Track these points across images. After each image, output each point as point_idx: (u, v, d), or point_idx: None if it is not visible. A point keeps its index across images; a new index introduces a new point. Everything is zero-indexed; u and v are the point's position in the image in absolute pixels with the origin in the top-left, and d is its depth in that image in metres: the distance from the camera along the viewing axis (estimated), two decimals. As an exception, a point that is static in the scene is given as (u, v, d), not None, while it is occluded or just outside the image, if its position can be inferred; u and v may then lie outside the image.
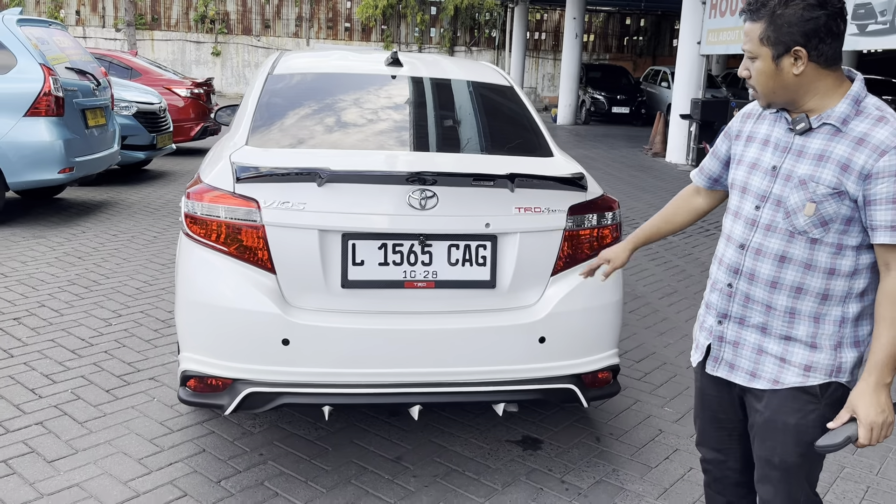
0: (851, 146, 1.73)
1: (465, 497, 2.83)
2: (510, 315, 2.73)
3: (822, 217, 1.77)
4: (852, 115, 1.76)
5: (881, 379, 1.72)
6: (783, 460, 1.89)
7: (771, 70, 1.77)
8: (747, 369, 1.92)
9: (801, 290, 1.83)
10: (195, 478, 2.87)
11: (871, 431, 1.73)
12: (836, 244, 1.79)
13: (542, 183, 2.75)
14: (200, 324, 2.66)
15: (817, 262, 1.80)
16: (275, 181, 2.57)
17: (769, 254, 1.84)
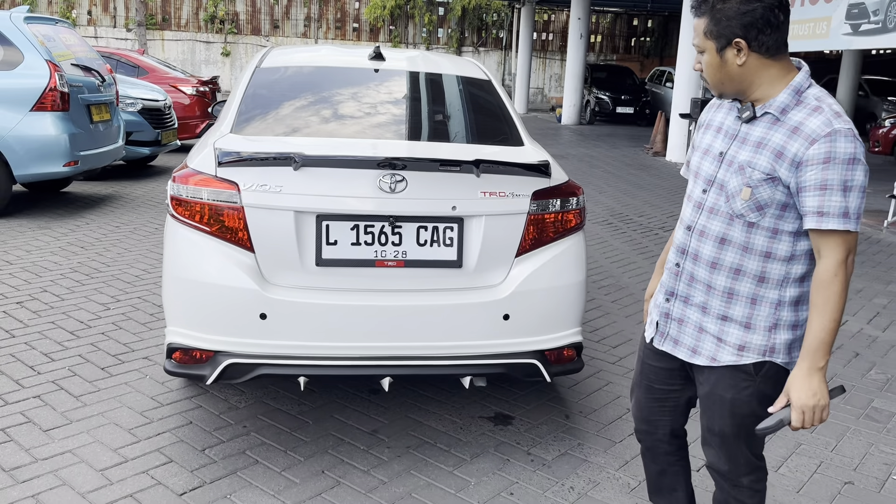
0: (787, 134, 1.82)
1: (434, 466, 2.99)
2: (476, 293, 2.89)
3: (757, 201, 1.86)
4: (792, 105, 1.84)
5: (813, 364, 1.82)
6: (721, 430, 2.04)
7: (717, 62, 1.87)
8: (689, 345, 2.04)
9: (739, 271, 1.93)
10: (181, 446, 3.04)
11: (802, 415, 1.82)
12: (772, 228, 1.88)
13: (507, 169, 2.91)
14: (184, 299, 2.83)
15: (754, 245, 1.90)
16: (254, 165, 2.74)
17: (711, 235, 1.95)
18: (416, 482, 2.87)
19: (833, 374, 4.10)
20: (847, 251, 1.80)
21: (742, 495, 2.09)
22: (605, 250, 6.77)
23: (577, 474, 2.99)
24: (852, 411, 3.67)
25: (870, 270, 6.44)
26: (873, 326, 4.96)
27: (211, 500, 2.69)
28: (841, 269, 1.80)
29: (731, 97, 1.95)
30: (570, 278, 3.03)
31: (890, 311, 5.29)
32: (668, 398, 2.20)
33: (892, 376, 4.12)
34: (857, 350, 4.50)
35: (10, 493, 2.67)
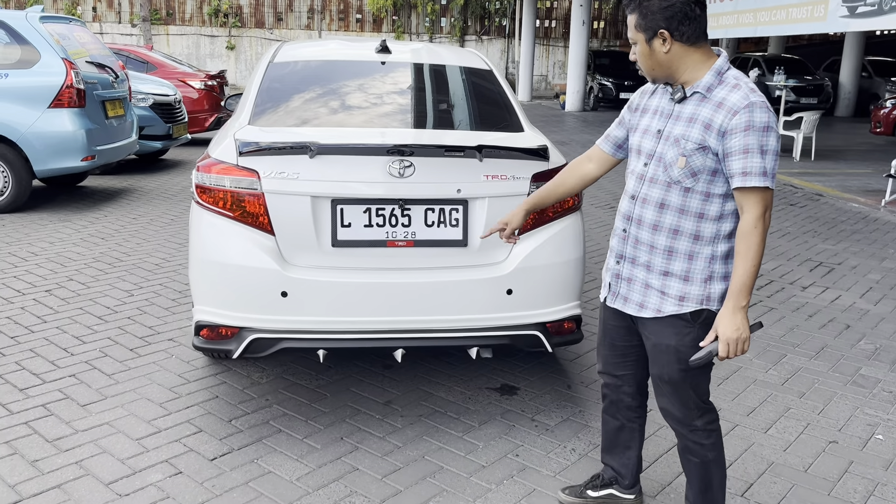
0: (713, 109, 2.11)
1: (444, 432, 3.21)
2: (481, 270, 3.10)
3: (691, 169, 2.15)
4: (715, 84, 2.13)
5: (737, 303, 2.10)
6: (670, 377, 2.30)
7: (647, 51, 2.17)
8: (637, 301, 2.32)
9: (677, 231, 2.20)
10: (209, 418, 3.28)
11: (727, 346, 2.11)
12: (705, 192, 2.16)
13: (508, 153, 3.11)
14: (210, 280, 3.05)
15: (689, 208, 2.18)
16: (272, 154, 2.96)
17: (652, 201, 2.23)
18: (428, 446, 3.09)
19: (824, 345, 4.30)
20: (765, 206, 2.08)
21: (699, 437, 2.35)
22: (607, 232, 6.97)
23: (578, 438, 3.21)
24: (840, 378, 3.87)
25: (866, 248, 6.62)
26: (865, 300, 5.14)
27: (240, 463, 2.92)
28: (760, 222, 2.08)
29: (663, 81, 2.25)
30: (569, 255, 3.23)
31: (882, 286, 5.47)
32: (630, 353, 2.48)
33: (880, 346, 4.32)
34: (849, 322, 4.70)
35: (55, 460, 2.90)
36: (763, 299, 5.12)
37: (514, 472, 2.93)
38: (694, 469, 2.40)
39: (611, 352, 2.52)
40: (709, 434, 2.35)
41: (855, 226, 7.52)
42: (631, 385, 2.54)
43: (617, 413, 2.61)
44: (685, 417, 2.34)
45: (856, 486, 2.90)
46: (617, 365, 2.53)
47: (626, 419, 2.60)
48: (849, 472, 2.98)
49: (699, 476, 2.39)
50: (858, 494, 2.84)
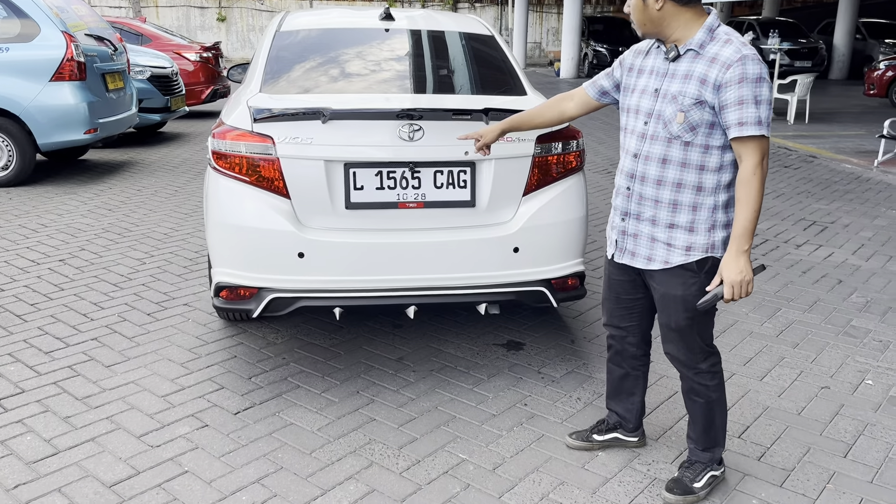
0: (707, 64, 2.22)
1: (455, 385, 3.37)
2: (488, 230, 3.22)
3: (690, 123, 2.27)
4: (707, 41, 2.25)
5: (739, 248, 2.24)
6: (677, 324, 2.45)
7: (640, 5, 2.29)
8: (644, 255, 2.45)
9: (680, 184, 2.33)
10: (229, 376, 3.42)
11: (732, 288, 2.26)
12: (704, 145, 2.28)
13: (513, 116, 3.21)
14: (229, 242, 3.17)
15: (690, 161, 2.31)
16: (286, 120, 3.06)
17: (654, 158, 2.35)
18: (440, 398, 3.25)
19: (817, 299, 4.46)
20: (762, 154, 2.21)
21: (704, 379, 2.52)
22: (605, 196, 7.09)
23: (582, 388, 3.36)
24: (832, 329, 4.03)
25: (858, 207, 6.76)
26: (857, 257, 5.30)
27: (263, 417, 3.07)
28: (758, 169, 2.21)
29: (653, 37, 2.37)
30: (573, 214, 3.35)
31: (874, 243, 5.63)
32: (635, 306, 2.64)
33: (871, 299, 4.48)
34: (841, 278, 4.85)
35: (87, 416, 3.05)
36: (758, 257, 5.26)
37: (524, 419, 3.09)
38: (698, 409, 2.56)
39: (616, 305, 2.67)
40: (713, 376, 2.51)
41: (848, 186, 7.66)
42: (635, 335, 2.70)
43: (622, 362, 2.77)
44: (691, 361, 2.50)
45: (846, 426, 3.06)
46: (622, 317, 2.68)
47: (631, 367, 2.76)
48: (840, 415, 3.15)
49: (703, 415, 2.56)
50: (849, 434, 3.00)
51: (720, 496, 2.59)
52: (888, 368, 3.58)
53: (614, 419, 2.87)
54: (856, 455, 2.86)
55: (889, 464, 2.80)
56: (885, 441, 2.95)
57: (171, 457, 2.77)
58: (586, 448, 2.86)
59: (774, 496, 2.60)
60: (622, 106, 2.51)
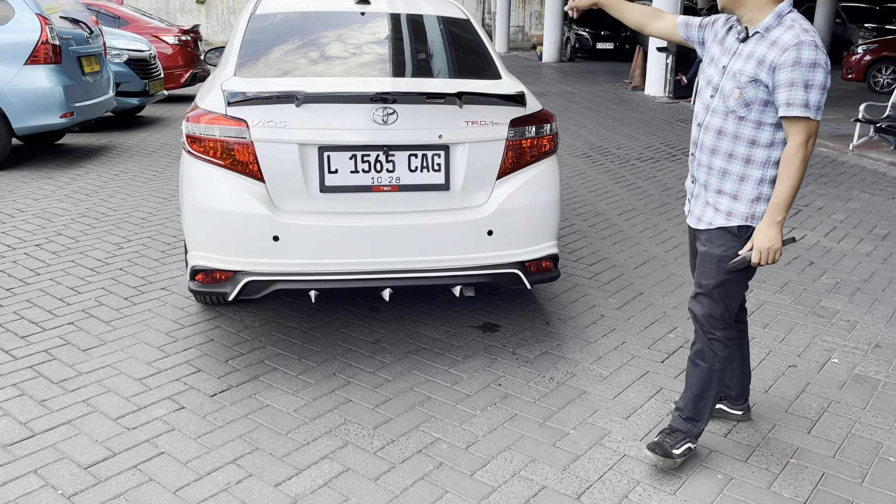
0: (767, 47, 2.35)
1: (431, 366, 3.41)
2: (462, 213, 3.26)
3: (744, 99, 2.41)
4: (774, 25, 2.37)
5: (773, 218, 2.41)
6: (707, 283, 2.59)
7: None
8: (697, 215, 2.63)
9: (731, 155, 2.49)
10: (206, 359, 3.44)
11: (759, 254, 2.43)
12: (757, 121, 2.42)
13: (487, 99, 3.24)
14: (204, 226, 3.18)
15: (742, 135, 2.45)
16: (260, 104, 3.06)
17: (712, 128, 2.52)
18: (416, 379, 3.29)
19: (787, 280, 4.54)
20: (807, 135, 2.34)
21: (715, 346, 2.62)
22: (584, 181, 7.14)
23: (556, 368, 3.42)
24: (801, 310, 4.11)
25: (832, 190, 6.86)
26: (829, 239, 5.39)
27: (239, 398, 3.10)
28: (801, 148, 2.34)
29: (730, 13, 2.50)
30: (546, 197, 3.39)
31: (845, 226, 5.72)
32: None
33: (840, 280, 4.57)
34: (812, 259, 4.94)
35: (63, 399, 3.06)
36: (732, 240, 5.33)
37: (497, 399, 3.14)
38: (697, 374, 2.66)
39: (692, 263, 2.80)
40: (724, 347, 2.62)
41: (823, 169, 7.76)
42: None
43: None
44: (709, 325, 2.61)
45: (811, 403, 3.14)
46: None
47: None
48: (805, 392, 3.23)
49: (699, 381, 2.66)
50: (813, 411, 3.08)
51: (687, 471, 2.66)
52: (854, 347, 3.67)
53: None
54: (819, 431, 2.94)
55: (851, 439, 2.88)
56: (848, 417, 3.04)
57: (147, 438, 2.79)
58: None
59: (738, 471, 2.68)
60: (701, 68, 2.65)
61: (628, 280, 4.55)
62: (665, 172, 7.58)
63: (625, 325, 3.90)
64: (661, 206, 6.27)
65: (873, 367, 3.46)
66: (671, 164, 7.94)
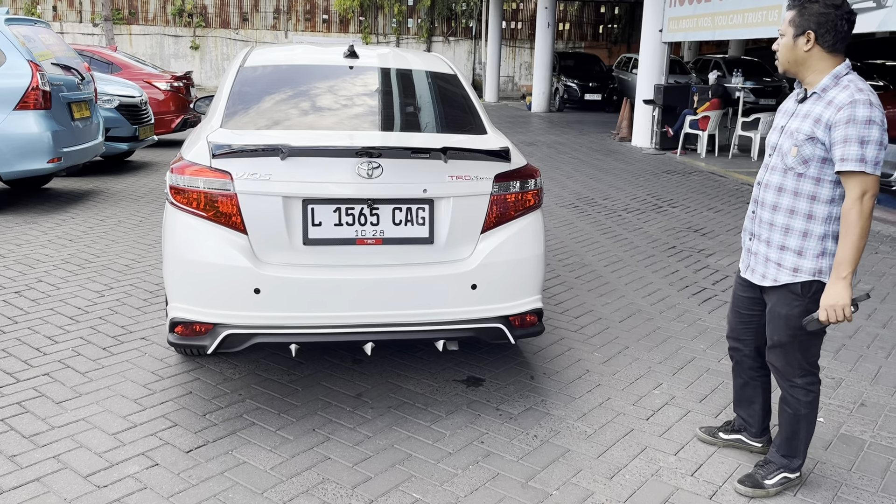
0: (824, 106, 2.51)
1: (413, 422, 3.35)
2: (446, 266, 3.24)
3: (802, 157, 2.56)
4: (831, 87, 2.53)
5: (838, 275, 2.49)
6: (779, 339, 2.74)
7: (790, 44, 2.58)
8: (760, 272, 2.75)
9: (792, 211, 2.62)
10: (184, 413, 3.37)
11: (825, 312, 2.52)
12: (816, 178, 2.56)
13: (472, 155, 3.26)
14: (185, 278, 3.15)
15: (802, 191, 2.59)
16: (245, 156, 3.06)
17: (772, 186, 2.67)
18: (397, 435, 3.23)
19: (773, 336, 4.53)
20: (862, 190, 2.45)
21: (798, 393, 2.79)
22: (571, 231, 7.16)
23: (540, 425, 3.37)
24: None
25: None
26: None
27: (215, 455, 3.02)
28: (857, 203, 2.45)
29: (792, 76, 2.65)
30: (531, 251, 3.39)
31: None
32: (752, 320, 2.93)
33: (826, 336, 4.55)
34: (797, 314, 4.94)
35: (33, 455, 2.98)
36: (718, 293, 5.34)
37: (479, 457, 3.08)
38: (787, 418, 2.84)
39: (736, 318, 2.99)
40: (807, 393, 2.78)
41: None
42: (750, 348, 2.99)
43: (741, 372, 3.07)
44: (787, 374, 2.78)
45: (797, 464, 3.10)
46: (739, 330, 3.00)
47: (749, 377, 3.06)
48: (791, 453, 3.19)
49: (788, 425, 2.84)
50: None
51: (671, 536, 2.60)
52: (839, 406, 3.64)
53: (740, 422, 3.17)
54: (805, 494, 2.89)
55: (837, 502, 2.83)
56: (833, 479, 2.99)
57: (117, 497, 2.71)
58: (711, 443, 3.21)
59: (725, 536, 2.62)
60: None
61: (614, 333, 4.52)
62: (651, 224, 7.62)
63: (610, 380, 3.86)
64: (648, 258, 6.29)
65: (859, 427, 3.43)
66: (657, 216, 8.00)
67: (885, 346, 4.43)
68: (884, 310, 5.08)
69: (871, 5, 8.32)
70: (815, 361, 2.76)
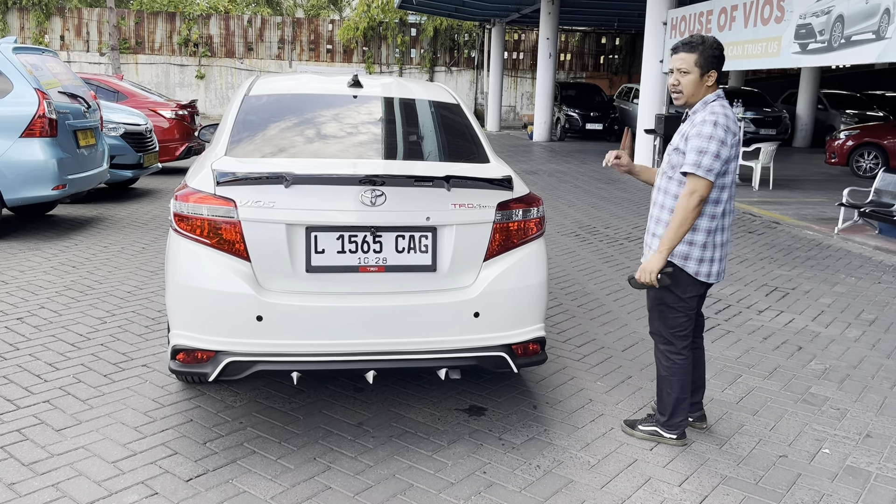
0: (689, 124, 3.15)
1: (414, 451, 3.32)
2: (449, 294, 3.24)
3: (671, 163, 3.19)
4: (699, 110, 3.18)
5: (658, 249, 3.13)
6: (648, 305, 3.43)
7: (697, 81, 3.15)
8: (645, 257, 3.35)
9: (663, 206, 3.22)
10: (184, 441, 3.35)
11: (640, 273, 3.16)
12: (680, 181, 3.15)
13: (474, 183, 3.27)
14: (187, 305, 3.14)
15: (670, 190, 3.20)
16: (249, 184, 3.08)
17: (657, 187, 3.29)
18: (399, 465, 3.20)
19: (777, 366, 4.51)
20: (692, 189, 3.04)
21: (659, 356, 3.40)
22: (573, 260, 7.17)
23: (542, 455, 3.34)
24: (791, 397, 4.06)
25: (818, 273, 6.90)
26: (817, 323, 5.38)
27: (215, 484, 2.99)
28: (684, 198, 3.06)
29: (686, 105, 3.21)
30: (533, 279, 3.39)
31: (833, 310, 5.73)
32: None
33: (829, 366, 4.54)
34: (801, 344, 4.92)
35: (32, 483, 2.95)
36: (721, 322, 5.33)
37: (482, 488, 3.05)
38: (657, 377, 3.45)
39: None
40: (666, 359, 3.35)
41: (809, 252, 7.83)
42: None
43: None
44: (655, 337, 3.42)
45: (803, 496, 3.06)
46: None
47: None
48: (797, 485, 3.16)
49: (658, 381, 3.44)
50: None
51: (676, 569, 2.56)
52: (845, 437, 3.61)
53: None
54: (812, 526, 2.85)
55: (845, 535, 2.80)
56: (841, 512, 2.96)
57: (116, 527, 2.68)
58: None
59: (731, 569, 2.58)
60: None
61: (616, 363, 4.50)
62: (653, 253, 7.60)
63: (613, 409, 3.84)
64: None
65: (865, 458, 3.40)
66: (659, 245, 7.99)
67: (891, 376, 4.41)
68: (888, 340, 5.06)
69: (871, 37, 8.41)
70: (676, 334, 3.29)
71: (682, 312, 3.28)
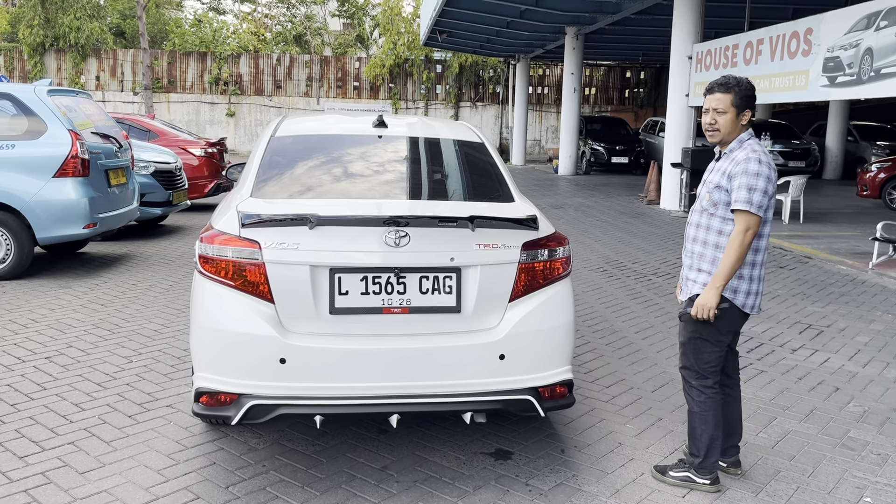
0: (729, 162, 3.21)
1: (440, 497, 3.25)
2: (474, 336, 3.19)
3: (712, 201, 3.23)
4: (736, 148, 3.25)
5: (712, 285, 3.14)
6: (681, 340, 3.39)
7: (734, 120, 3.22)
8: (686, 292, 3.38)
9: (705, 243, 3.26)
10: (207, 485, 3.31)
11: (696, 309, 3.17)
12: (722, 217, 3.21)
13: (499, 223, 3.24)
14: (211, 347, 3.13)
15: (712, 227, 3.25)
16: (273, 226, 3.08)
17: (692, 223, 3.35)
18: (423, 512, 3.13)
19: (813, 408, 4.37)
20: (746, 226, 3.09)
21: (693, 393, 3.35)
22: (600, 296, 7.07)
23: (571, 502, 3.24)
24: (829, 441, 3.92)
25: (854, 310, 6.73)
26: (854, 363, 5.22)
27: (237, 530, 2.95)
28: (739, 235, 3.09)
29: (721, 144, 3.28)
30: (560, 320, 3.33)
31: (870, 349, 5.56)
32: None
33: (868, 408, 4.38)
34: (838, 385, 4.77)
35: (54, 528, 2.93)
36: (753, 362, 5.19)
37: (509, 537, 2.96)
38: (689, 417, 3.38)
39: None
40: (699, 394, 3.31)
41: (843, 288, 7.65)
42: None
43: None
44: (687, 373, 3.38)
45: (846, 549, 2.93)
46: None
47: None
48: (839, 536, 3.02)
49: (689, 422, 3.37)
50: (848, 558, 2.87)
51: None
52: (887, 484, 3.46)
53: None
54: (856, 582, 2.72)
55: (891, 592, 2.66)
56: (886, 566, 2.82)
57: (136, 575, 2.64)
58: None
59: None
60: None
61: (646, 404, 4.39)
62: (682, 289, 7.48)
63: (643, 454, 3.73)
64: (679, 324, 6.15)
65: (910, 508, 3.25)
66: (688, 280, 7.86)
67: (933, 419, 4.24)
68: (929, 380, 4.88)
69: (900, 69, 8.30)
70: (709, 369, 3.28)
71: (720, 347, 3.28)
